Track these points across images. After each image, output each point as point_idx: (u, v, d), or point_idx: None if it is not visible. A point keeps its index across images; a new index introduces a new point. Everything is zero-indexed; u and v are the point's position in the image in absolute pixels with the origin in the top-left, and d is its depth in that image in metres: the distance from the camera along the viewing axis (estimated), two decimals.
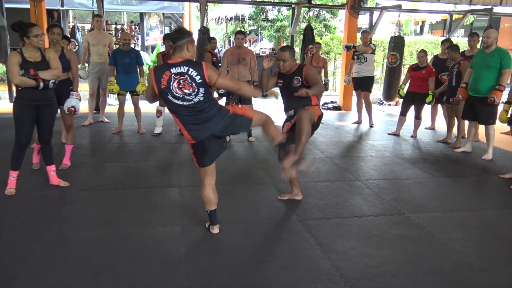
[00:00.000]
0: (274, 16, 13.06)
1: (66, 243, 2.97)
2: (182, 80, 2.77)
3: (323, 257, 2.87)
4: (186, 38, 2.84)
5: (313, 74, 3.50)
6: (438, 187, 4.42)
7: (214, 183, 3.12)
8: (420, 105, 6.60)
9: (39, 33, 3.60)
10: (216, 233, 3.15)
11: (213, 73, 2.81)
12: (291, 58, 3.50)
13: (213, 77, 2.81)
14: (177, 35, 2.86)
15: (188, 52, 2.85)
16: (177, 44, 2.82)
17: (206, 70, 2.80)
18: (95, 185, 4.18)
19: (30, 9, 8.08)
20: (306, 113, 3.38)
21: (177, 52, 2.84)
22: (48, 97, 3.80)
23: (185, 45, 2.83)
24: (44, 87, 3.66)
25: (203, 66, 2.81)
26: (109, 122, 7.11)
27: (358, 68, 7.42)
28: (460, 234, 3.29)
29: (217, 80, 2.82)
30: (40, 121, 3.82)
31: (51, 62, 3.73)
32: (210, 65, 2.89)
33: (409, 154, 5.69)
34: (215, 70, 2.87)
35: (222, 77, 2.88)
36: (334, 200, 3.94)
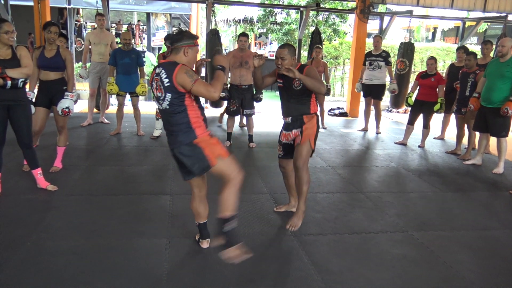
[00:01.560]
0: (283, 19, 12.87)
1: (42, 254, 2.79)
2: (157, 81, 2.57)
3: (317, 279, 2.66)
4: (185, 41, 2.59)
5: (314, 74, 3.26)
6: (444, 202, 4.17)
7: (203, 194, 2.92)
8: (429, 114, 6.34)
9: (10, 30, 3.44)
10: (205, 247, 2.95)
11: (186, 79, 2.46)
12: (291, 56, 3.23)
13: (186, 83, 2.47)
14: (177, 36, 2.62)
15: (184, 56, 2.59)
16: (174, 46, 2.59)
17: (176, 75, 2.47)
18: (84, 190, 4.01)
19: (34, 7, 7.99)
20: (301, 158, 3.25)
21: (173, 54, 2.61)
22: (20, 97, 3.62)
23: (182, 48, 2.58)
24: (13, 86, 3.48)
25: (175, 70, 2.49)
26: (109, 123, 6.96)
27: (370, 75, 7.17)
28: (466, 256, 3.05)
29: (192, 87, 2.47)
30: (15, 123, 3.64)
31: (22, 60, 3.56)
32: (186, 70, 2.50)
33: (415, 165, 5.45)
34: (190, 75, 2.48)
35: (199, 84, 2.47)
36: (333, 214, 3.71)
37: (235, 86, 5.78)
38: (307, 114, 3.34)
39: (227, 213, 2.55)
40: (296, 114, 3.36)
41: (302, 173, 3.29)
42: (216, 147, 2.62)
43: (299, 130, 3.35)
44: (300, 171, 3.29)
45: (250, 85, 5.82)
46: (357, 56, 9.19)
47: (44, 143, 5.33)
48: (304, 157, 3.29)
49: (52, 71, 4.26)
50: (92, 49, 6.81)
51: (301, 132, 3.32)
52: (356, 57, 9.19)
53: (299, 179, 3.32)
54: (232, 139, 6.16)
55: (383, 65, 7.12)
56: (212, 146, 2.61)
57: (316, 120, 3.38)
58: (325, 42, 12.35)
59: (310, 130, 3.33)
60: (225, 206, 2.56)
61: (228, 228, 2.53)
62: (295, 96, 3.33)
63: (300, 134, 3.33)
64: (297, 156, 3.32)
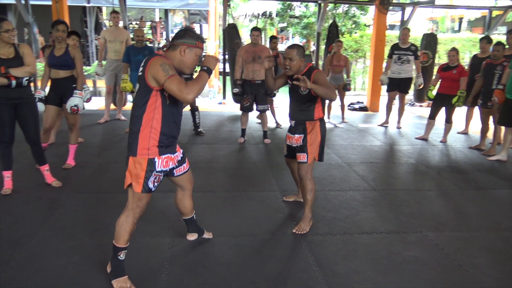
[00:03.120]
0: (301, 12, 12.66)
1: (45, 253, 2.78)
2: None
3: (321, 281, 2.55)
4: (186, 40, 2.34)
5: (323, 79, 3.12)
6: (464, 201, 3.97)
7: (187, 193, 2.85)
8: (451, 108, 6.08)
9: (10, 28, 3.43)
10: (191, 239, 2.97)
11: (159, 72, 2.18)
12: (299, 57, 3.12)
13: (159, 76, 2.19)
14: (180, 33, 2.40)
15: (180, 54, 2.33)
16: (173, 42, 2.38)
17: (150, 65, 2.21)
18: (93, 187, 4.01)
19: (52, 6, 8.08)
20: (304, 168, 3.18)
21: (169, 50, 2.38)
22: (25, 96, 3.63)
23: (180, 46, 2.33)
24: (17, 85, 3.49)
25: (150, 61, 2.23)
26: (126, 120, 6.98)
27: (398, 68, 6.93)
28: (484, 259, 2.87)
29: (164, 82, 2.18)
30: (22, 121, 3.67)
31: (25, 58, 3.55)
32: (162, 62, 2.21)
33: (435, 161, 5.23)
34: (165, 69, 2.19)
35: (172, 81, 2.17)
36: (344, 212, 3.58)
37: (248, 82, 5.68)
38: (310, 121, 3.22)
39: (117, 244, 2.44)
40: (300, 118, 3.26)
41: (306, 181, 3.22)
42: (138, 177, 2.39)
43: (301, 137, 3.24)
44: (304, 180, 3.23)
45: (263, 80, 5.70)
46: (377, 49, 8.95)
47: (61, 141, 5.37)
48: (307, 167, 3.22)
49: (62, 69, 4.27)
50: (108, 47, 6.84)
51: (305, 143, 3.21)
52: (376, 50, 8.95)
53: (303, 187, 3.26)
54: (247, 135, 6.08)
55: (412, 59, 6.88)
56: (136, 173, 2.39)
57: (320, 126, 3.25)
58: (346, 35, 12.10)
59: (314, 143, 3.22)
60: (117, 235, 2.44)
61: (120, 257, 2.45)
62: (301, 100, 3.22)
63: (303, 143, 3.23)
64: (300, 166, 3.24)
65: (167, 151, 2.42)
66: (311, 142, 3.21)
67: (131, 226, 2.45)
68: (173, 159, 2.50)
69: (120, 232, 2.42)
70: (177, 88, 2.18)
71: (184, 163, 2.66)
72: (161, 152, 2.38)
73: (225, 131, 6.56)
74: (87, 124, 6.56)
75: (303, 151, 3.22)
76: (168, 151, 2.44)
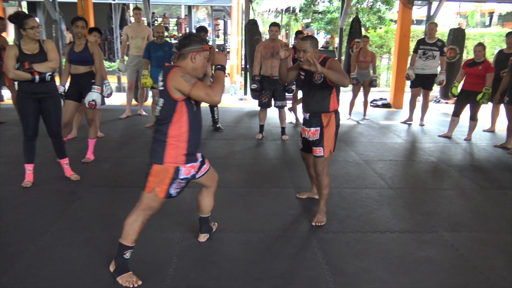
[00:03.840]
0: (325, 8, 12.50)
1: (58, 245, 2.84)
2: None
3: (328, 280, 2.51)
4: (192, 46, 2.38)
5: (337, 66, 3.09)
6: (484, 201, 3.84)
7: (211, 190, 2.86)
8: (476, 105, 5.89)
9: (35, 25, 3.51)
10: (202, 241, 2.94)
11: (182, 83, 2.25)
12: (313, 48, 3.06)
13: (183, 87, 2.26)
14: (184, 41, 2.43)
15: (191, 62, 2.38)
16: (181, 51, 2.41)
17: (170, 78, 2.27)
18: (110, 181, 4.08)
19: (78, 3, 8.26)
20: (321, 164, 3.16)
21: (180, 60, 2.42)
22: (49, 90, 3.72)
23: (189, 54, 2.37)
24: (41, 80, 3.58)
25: (169, 74, 2.29)
26: (147, 115, 7.08)
27: (423, 64, 6.74)
28: (501, 261, 2.77)
29: (190, 91, 2.26)
30: (45, 114, 3.76)
31: (49, 53, 3.63)
32: (182, 73, 2.28)
33: (457, 160, 5.08)
34: (187, 79, 2.26)
35: (198, 88, 2.26)
36: (358, 210, 3.52)
37: (267, 78, 5.66)
38: (326, 112, 3.17)
39: (124, 242, 2.46)
40: (315, 110, 3.21)
41: (322, 177, 3.22)
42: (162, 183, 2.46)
43: (318, 131, 3.20)
44: (320, 176, 3.23)
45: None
46: (401, 44, 8.76)
47: (82, 135, 5.48)
48: (323, 162, 3.19)
49: (81, 65, 4.36)
50: (130, 43, 6.94)
51: (322, 137, 3.18)
52: (400, 46, 8.76)
53: (319, 183, 3.26)
54: (265, 132, 6.06)
55: (438, 54, 6.69)
56: (160, 180, 2.45)
57: (335, 118, 3.21)
58: (370, 30, 11.88)
59: (331, 137, 3.19)
60: (125, 233, 2.47)
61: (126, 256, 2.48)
62: (315, 90, 3.17)
63: (319, 137, 3.19)
64: (317, 161, 3.21)
65: (191, 159, 2.49)
66: (328, 137, 3.18)
67: (141, 226, 2.48)
68: (195, 166, 2.55)
69: (129, 231, 2.46)
70: (204, 93, 2.28)
71: (204, 164, 2.69)
72: (187, 161, 2.45)
73: (244, 127, 6.56)
74: (109, 119, 6.69)
75: (320, 145, 3.19)
76: (193, 159, 2.50)
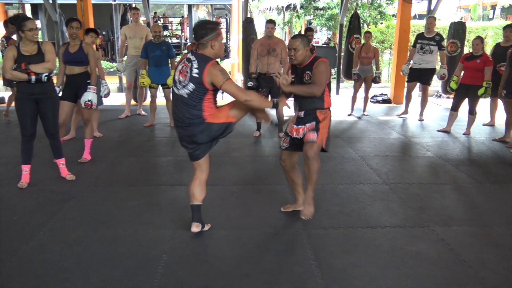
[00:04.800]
0: (325, 4, 12.47)
1: (50, 244, 2.88)
2: (185, 66, 2.71)
3: (316, 275, 2.52)
4: (210, 35, 2.69)
5: (319, 71, 3.02)
6: (479, 195, 3.82)
7: (204, 178, 3.00)
8: (475, 99, 5.85)
9: (34, 27, 3.57)
10: (194, 231, 2.95)
11: (218, 76, 2.63)
12: (304, 47, 3.05)
13: (217, 80, 2.63)
14: (201, 31, 2.71)
15: (212, 49, 2.72)
16: (200, 42, 2.71)
17: (207, 72, 2.63)
18: (105, 181, 4.11)
19: (77, 4, 8.31)
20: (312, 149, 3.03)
21: (200, 49, 2.74)
22: (46, 91, 3.75)
23: (209, 42, 2.69)
24: (37, 80, 3.62)
25: (207, 66, 2.63)
26: (146, 115, 7.10)
27: (420, 58, 6.72)
28: (491, 255, 2.76)
29: (222, 84, 2.64)
30: (42, 115, 3.80)
31: (46, 55, 3.68)
32: (219, 69, 2.66)
33: (455, 154, 5.05)
34: (223, 74, 2.65)
35: (230, 84, 2.67)
36: (351, 206, 3.52)
37: (263, 75, 5.66)
38: (321, 109, 3.12)
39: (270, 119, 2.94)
40: (309, 107, 3.13)
41: (313, 162, 3.06)
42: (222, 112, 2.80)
43: (314, 124, 3.10)
44: (311, 161, 3.07)
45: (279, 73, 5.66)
46: (401, 39, 8.71)
47: (80, 135, 5.52)
48: (315, 149, 3.09)
49: (76, 66, 4.40)
50: (128, 43, 6.98)
51: (318, 127, 3.09)
52: (400, 41, 8.72)
53: (309, 167, 3.09)
54: (262, 128, 6.06)
55: (436, 49, 6.65)
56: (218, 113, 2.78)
57: (329, 116, 3.19)
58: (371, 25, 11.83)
59: (325, 129, 3.12)
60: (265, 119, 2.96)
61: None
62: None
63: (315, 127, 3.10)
64: (310, 146, 3.11)
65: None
66: (323, 127, 3.10)
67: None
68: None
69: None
70: (237, 89, 2.70)
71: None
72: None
73: (241, 124, 6.53)
74: (108, 119, 6.74)
75: (314, 131, 3.08)
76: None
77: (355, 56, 7.20)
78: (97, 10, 12.00)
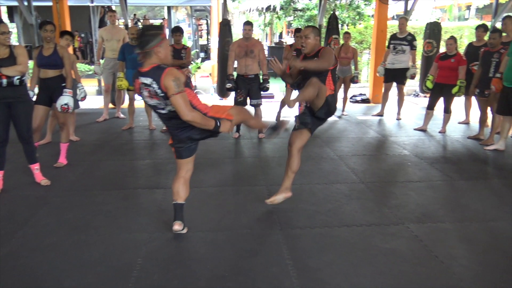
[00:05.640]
0: (304, 5, 12.55)
1: (23, 251, 2.82)
2: (150, 91, 2.60)
3: (291, 275, 2.53)
4: (153, 41, 2.53)
5: (326, 52, 3.18)
6: (453, 191, 3.90)
7: (188, 176, 3.03)
8: (450, 97, 5.96)
9: (6, 31, 3.54)
10: (176, 230, 2.96)
11: (171, 86, 2.48)
12: (314, 36, 3.23)
13: (169, 90, 2.49)
14: (143, 38, 2.54)
15: (157, 56, 2.55)
16: (144, 50, 2.53)
17: (163, 80, 2.50)
18: (81, 185, 4.06)
19: (53, 7, 8.17)
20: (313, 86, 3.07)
21: (146, 58, 2.56)
22: (19, 94, 3.69)
23: (153, 50, 2.53)
24: (9, 84, 3.56)
25: (161, 80, 2.50)
26: (125, 117, 7.03)
27: (393, 59, 6.84)
28: (463, 250, 2.82)
29: (171, 96, 2.50)
30: (15, 119, 3.73)
31: (18, 58, 3.62)
32: (175, 77, 2.49)
33: (430, 152, 5.14)
34: (177, 84, 2.48)
35: (180, 98, 2.50)
36: (328, 206, 3.55)
37: (241, 76, 5.67)
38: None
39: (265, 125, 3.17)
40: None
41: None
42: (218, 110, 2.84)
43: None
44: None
45: (256, 74, 5.70)
46: (379, 40, 8.83)
47: (56, 140, 5.43)
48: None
49: (51, 69, 4.33)
50: (105, 46, 6.90)
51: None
52: (378, 41, 8.83)
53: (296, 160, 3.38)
54: (243, 130, 6.08)
55: (408, 49, 6.77)
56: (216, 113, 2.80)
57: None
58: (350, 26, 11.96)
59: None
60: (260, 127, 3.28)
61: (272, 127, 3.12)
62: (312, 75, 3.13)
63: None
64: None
65: None
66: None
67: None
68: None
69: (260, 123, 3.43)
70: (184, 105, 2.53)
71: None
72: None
73: None
74: (86, 123, 6.64)
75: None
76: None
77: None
78: (76, 12, 11.82)
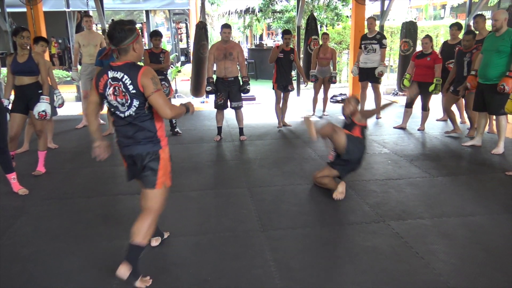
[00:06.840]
0: (283, 7, 12.62)
1: (1, 262, 2.76)
2: (117, 86, 2.35)
3: (274, 276, 2.54)
4: (130, 37, 2.35)
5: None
6: (432, 188, 3.96)
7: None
8: (427, 95, 6.07)
9: None
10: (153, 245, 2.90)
11: (149, 84, 2.30)
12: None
13: (148, 88, 2.30)
14: (120, 34, 2.36)
15: (134, 52, 2.38)
16: (120, 47, 2.36)
17: (141, 78, 2.30)
18: (60, 193, 3.99)
19: (27, 13, 8.03)
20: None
21: (122, 54, 2.38)
22: None
23: (130, 45, 2.36)
24: None
25: (139, 73, 2.31)
26: (104, 123, 6.94)
27: (365, 58, 6.92)
28: (442, 245, 2.87)
29: (151, 94, 2.30)
30: None
31: None
32: (152, 75, 2.33)
33: (410, 150, 5.22)
34: (155, 82, 2.32)
35: (159, 95, 2.31)
36: (309, 206, 3.58)
37: (221, 79, 5.66)
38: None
39: (143, 241, 2.44)
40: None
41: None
42: (167, 173, 2.53)
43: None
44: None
45: (236, 77, 5.70)
46: (356, 40, 8.87)
47: (34, 148, 5.33)
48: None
49: (26, 76, 4.26)
50: (82, 51, 6.80)
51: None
52: (356, 41, 8.89)
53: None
54: (225, 133, 6.07)
55: (378, 47, 6.86)
56: (166, 170, 2.51)
57: None
58: (328, 27, 12.06)
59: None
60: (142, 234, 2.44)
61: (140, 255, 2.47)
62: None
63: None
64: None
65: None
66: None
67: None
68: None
69: (147, 232, 2.47)
70: (164, 103, 2.34)
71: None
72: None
73: (203, 130, 6.54)
74: (64, 130, 6.55)
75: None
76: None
77: (313, 57, 7.32)
78: (53, 18, 11.63)
